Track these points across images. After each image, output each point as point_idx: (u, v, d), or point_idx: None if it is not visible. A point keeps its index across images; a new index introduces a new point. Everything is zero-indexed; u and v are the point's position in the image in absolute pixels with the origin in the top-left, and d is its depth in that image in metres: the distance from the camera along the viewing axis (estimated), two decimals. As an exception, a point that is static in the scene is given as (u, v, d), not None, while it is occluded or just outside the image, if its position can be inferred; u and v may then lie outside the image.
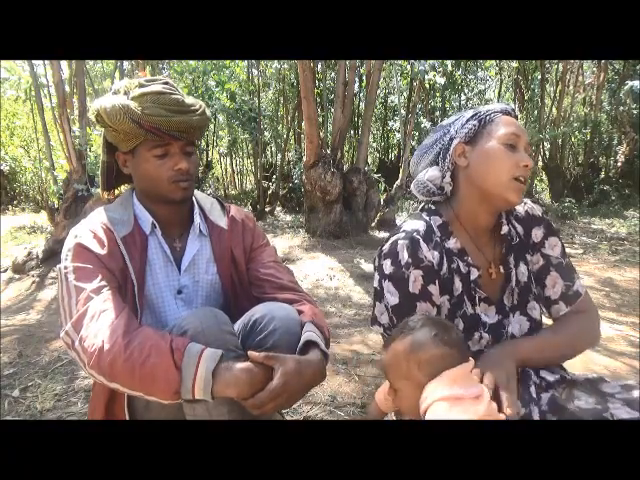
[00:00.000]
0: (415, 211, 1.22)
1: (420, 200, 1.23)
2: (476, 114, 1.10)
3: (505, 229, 1.14)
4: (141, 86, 1.13)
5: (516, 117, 1.13)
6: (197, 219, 1.23)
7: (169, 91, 1.12)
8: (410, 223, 1.12)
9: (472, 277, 1.10)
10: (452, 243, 1.11)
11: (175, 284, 1.19)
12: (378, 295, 1.10)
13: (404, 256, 1.05)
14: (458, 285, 1.09)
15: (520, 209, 1.19)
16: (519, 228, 1.17)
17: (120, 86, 1.15)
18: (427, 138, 1.21)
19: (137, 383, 0.92)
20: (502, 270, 1.13)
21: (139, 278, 1.12)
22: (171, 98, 1.10)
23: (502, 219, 1.15)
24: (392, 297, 1.06)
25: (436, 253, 1.08)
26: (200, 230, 1.24)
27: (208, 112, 1.19)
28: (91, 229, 1.11)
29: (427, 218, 1.13)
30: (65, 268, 1.06)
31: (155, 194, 1.16)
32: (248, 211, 1.38)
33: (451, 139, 1.12)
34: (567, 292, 1.14)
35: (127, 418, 1.09)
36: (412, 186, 1.20)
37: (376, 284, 1.10)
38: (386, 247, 1.09)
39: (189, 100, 1.15)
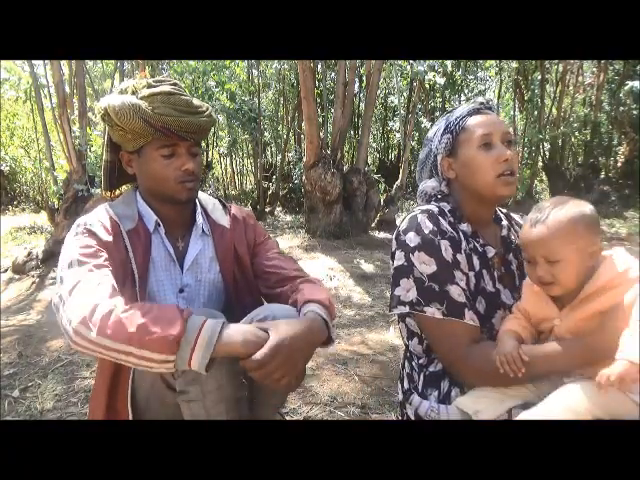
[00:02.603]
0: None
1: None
2: (447, 126, 1.15)
3: (505, 231, 1.20)
4: (150, 86, 1.13)
5: (489, 108, 1.16)
6: (200, 219, 1.24)
7: (178, 92, 1.14)
8: (421, 207, 1.14)
9: (489, 255, 1.14)
10: (464, 227, 1.14)
11: (177, 283, 1.20)
12: (404, 271, 1.06)
13: (428, 225, 1.06)
14: (476, 263, 1.11)
15: (518, 219, 1.29)
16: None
17: (127, 86, 1.16)
18: (421, 152, 1.27)
19: (133, 335, 0.86)
20: (503, 270, 1.16)
21: (141, 272, 1.13)
22: (181, 99, 1.12)
23: (502, 222, 1.22)
24: (427, 266, 1.04)
25: (454, 230, 1.11)
26: (203, 230, 1.25)
27: (214, 114, 1.21)
28: (99, 219, 1.13)
29: (437, 204, 1.16)
30: (71, 243, 1.06)
31: (161, 194, 1.17)
32: (248, 209, 1.39)
33: (435, 155, 1.18)
34: None
35: (130, 414, 1.09)
36: (417, 199, 1.27)
37: (401, 261, 1.07)
38: (404, 224, 1.10)
39: (196, 102, 1.17)
